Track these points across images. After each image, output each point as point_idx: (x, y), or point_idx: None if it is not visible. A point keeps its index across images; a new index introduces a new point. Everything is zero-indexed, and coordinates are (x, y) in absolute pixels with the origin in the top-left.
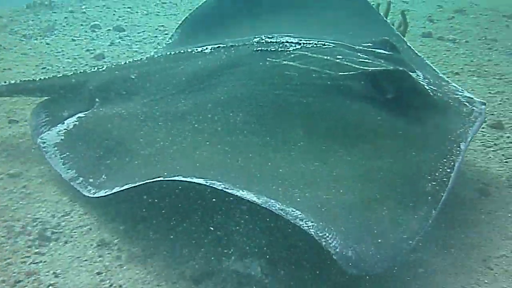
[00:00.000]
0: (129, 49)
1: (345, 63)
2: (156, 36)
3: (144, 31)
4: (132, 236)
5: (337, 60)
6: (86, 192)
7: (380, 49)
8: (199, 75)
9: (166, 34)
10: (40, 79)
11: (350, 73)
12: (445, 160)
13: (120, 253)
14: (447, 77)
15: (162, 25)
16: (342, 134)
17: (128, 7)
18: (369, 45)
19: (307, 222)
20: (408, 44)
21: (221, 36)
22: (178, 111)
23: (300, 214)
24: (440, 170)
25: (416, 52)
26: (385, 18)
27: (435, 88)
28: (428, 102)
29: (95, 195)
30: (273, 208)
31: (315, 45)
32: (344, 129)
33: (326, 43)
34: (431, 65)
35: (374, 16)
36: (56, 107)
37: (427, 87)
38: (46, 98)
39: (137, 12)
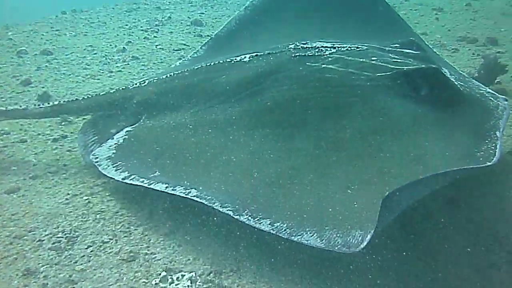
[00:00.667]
0: (57, 72)
1: (380, 63)
2: (84, 57)
3: (72, 53)
4: None
5: (373, 62)
6: (139, 182)
7: (408, 49)
8: (243, 82)
9: (95, 54)
10: (83, 98)
11: (387, 73)
12: (487, 142)
13: None
14: None
15: (91, 45)
16: (389, 130)
17: (56, 30)
18: (397, 46)
19: None
20: (426, 43)
21: (244, 48)
22: (226, 119)
23: None
24: (484, 151)
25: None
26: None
27: (463, 84)
28: (459, 97)
29: (151, 186)
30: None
31: (349, 49)
32: (390, 126)
33: (359, 46)
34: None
35: (393, 17)
36: (103, 125)
37: (457, 83)
38: (90, 117)
39: (65, 34)
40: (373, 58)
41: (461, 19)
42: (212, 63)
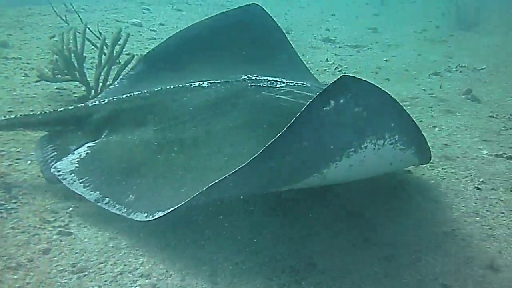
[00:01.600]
0: None
1: None
2: None
3: None
4: None
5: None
6: (115, 210)
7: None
8: (205, 105)
9: None
10: (41, 113)
11: None
12: None
13: None
14: None
15: None
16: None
17: None
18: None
19: None
20: None
21: (178, 71)
22: (191, 137)
23: None
24: None
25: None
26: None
27: None
28: None
29: (130, 216)
30: None
31: (296, 84)
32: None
33: (304, 83)
34: None
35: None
36: (61, 141)
37: None
38: (47, 132)
39: None
40: (316, 93)
41: None
42: (171, 87)
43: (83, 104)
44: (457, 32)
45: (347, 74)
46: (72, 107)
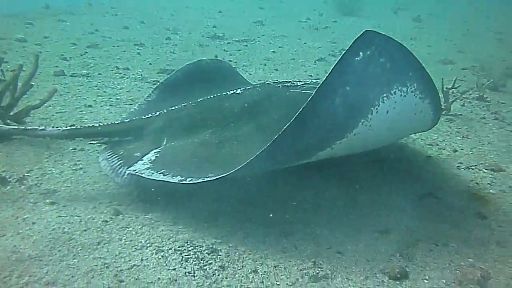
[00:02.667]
0: None
1: None
2: None
3: None
4: None
5: None
6: (198, 181)
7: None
8: (247, 106)
9: None
10: (100, 125)
11: None
12: None
13: None
14: (80, 111)
15: None
16: None
17: None
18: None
19: None
20: None
21: (186, 96)
22: (244, 133)
23: None
24: None
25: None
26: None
27: None
28: None
29: (207, 180)
30: None
31: (311, 82)
32: None
33: (317, 81)
34: None
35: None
36: (123, 151)
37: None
38: (106, 143)
39: None
40: None
41: (161, 53)
42: (210, 97)
43: (136, 118)
44: (340, 18)
45: (369, 30)
46: (127, 120)
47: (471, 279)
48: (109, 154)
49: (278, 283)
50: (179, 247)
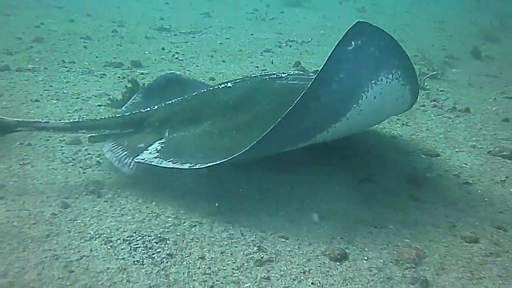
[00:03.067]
0: None
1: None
2: None
3: None
4: None
5: (310, 77)
6: (206, 166)
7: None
8: (241, 97)
9: None
10: (101, 118)
11: None
12: None
13: None
14: (27, 106)
15: None
16: None
17: None
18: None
19: None
20: None
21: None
22: (242, 122)
23: None
24: None
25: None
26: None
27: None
28: None
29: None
30: None
31: (295, 73)
32: None
33: (300, 73)
34: None
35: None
36: (127, 142)
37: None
38: (108, 135)
39: None
40: (310, 75)
41: (108, 46)
42: (204, 91)
43: (137, 111)
44: (286, 8)
45: (361, 20)
46: (128, 113)
47: (407, 258)
48: (113, 145)
49: (224, 268)
50: (127, 237)
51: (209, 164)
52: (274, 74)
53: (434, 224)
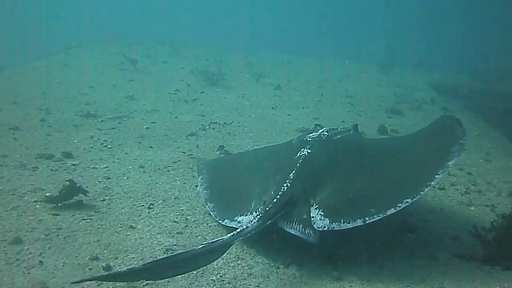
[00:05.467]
0: None
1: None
2: None
3: None
4: None
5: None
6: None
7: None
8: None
9: None
10: (275, 199)
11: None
12: None
13: None
14: None
15: None
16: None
17: None
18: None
19: None
20: None
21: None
22: (374, 174)
23: None
24: None
25: None
26: None
27: None
28: None
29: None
30: None
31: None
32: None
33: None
34: None
35: None
36: (294, 217)
37: None
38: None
39: None
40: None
41: (37, 136)
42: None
43: (281, 192)
44: (207, 88)
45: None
46: (280, 192)
47: None
48: (287, 222)
49: None
50: None
51: (381, 217)
52: (321, 132)
53: None
